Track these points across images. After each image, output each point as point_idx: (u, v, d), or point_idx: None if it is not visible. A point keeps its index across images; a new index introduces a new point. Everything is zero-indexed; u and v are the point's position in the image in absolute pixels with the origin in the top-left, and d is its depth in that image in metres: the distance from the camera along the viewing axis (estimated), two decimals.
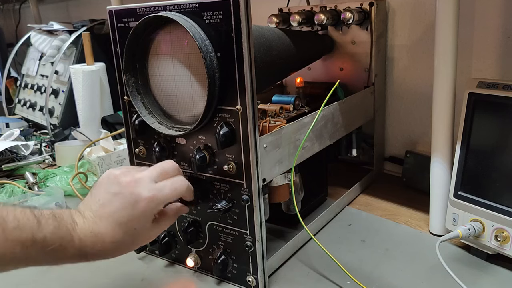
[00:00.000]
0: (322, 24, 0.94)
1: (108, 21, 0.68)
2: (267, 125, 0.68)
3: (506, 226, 0.65)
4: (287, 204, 0.77)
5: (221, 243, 0.68)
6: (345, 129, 0.87)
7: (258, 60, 0.68)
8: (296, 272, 0.71)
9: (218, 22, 0.57)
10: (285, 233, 0.78)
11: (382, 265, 0.71)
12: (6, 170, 1.19)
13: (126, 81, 0.66)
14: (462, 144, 0.70)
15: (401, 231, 0.82)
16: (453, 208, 0.72)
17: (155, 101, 0.68)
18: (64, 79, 1.46)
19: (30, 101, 1.65)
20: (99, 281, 0.72)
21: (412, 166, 0.98)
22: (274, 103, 0.80)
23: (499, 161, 0.66)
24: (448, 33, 0.69)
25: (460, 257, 0.72)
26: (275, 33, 0.78)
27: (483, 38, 0.89)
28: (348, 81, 0.99)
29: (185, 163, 0.68)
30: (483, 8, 0.87)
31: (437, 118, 0.74)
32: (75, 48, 1.46)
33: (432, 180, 0.77)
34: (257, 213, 0.63)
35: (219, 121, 0.61)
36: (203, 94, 0.61)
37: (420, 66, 0.99)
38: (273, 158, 0.66)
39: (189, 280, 0.71)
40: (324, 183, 0.89)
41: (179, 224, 0.72)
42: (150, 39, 0.65)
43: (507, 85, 0.65)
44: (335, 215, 0.88)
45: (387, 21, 1.01)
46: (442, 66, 0.71)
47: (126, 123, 0.73)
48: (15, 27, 2.48)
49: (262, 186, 0.63)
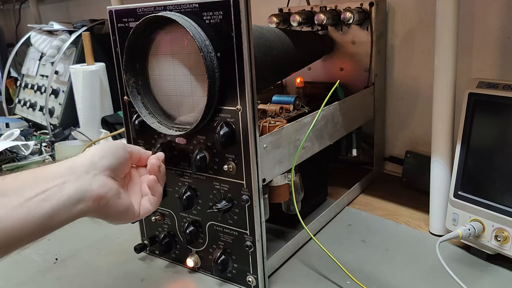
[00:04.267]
0: (322, 24, 0.94)
1: (108, 21, 0.68)
2: (267, 125, 0.68)
3: (506, 226, 0.65)
4: (287, 204, 0.77)
5: (221, 243, 0.68)
6: (345, 129, 0.87)
7: (258, 60, 0.68)
8: (296, 272, 0.71)
9: (218, 22, 0.57)
10: (285, 233, 0.78)
11: (382, 265, 0.71)
12: (6, 170, 1.19)
13: (126, 81, 0.66)
14: (462, 144, 0.70)
15: (401, 231, 0.82)
16: (453, 208, 0.72)
17: (155, 101, 0.68)
18: (64, 79, 1.46)
19: (30, 101, 1.65)
20: (99, 281, 0.72)
21: (412, 166, 0.98)
22: (274, 103, 0.80)
23: (499, 161, 0.66)
24: (448, 33, 0.69)
25: (460, 257, 0.72)
26: (275, 33, 0.78)
27: (483, 38, 0.89)
28: (348, 81, 0.99)
29: (185, 163, 0.68)
30: (483, 8, 0.87)
31: (437, 118, 0.74)
32: (75, 48, 1.46)
33: (432, 180, 0.77)
34: (257, 213, 0.63)
35: (219, 121, 0.61)
36: (203, 94, 0.61)
37: (420, 66, 0.99)
38: (273, 158, 0.66)
39: (189, 280, 0.71)
40: (324, 183, 0.89)
41: (179, 224, 0.72)
42: (150, 39, 0.65)
43: (507, 85, 0.65)
44: (335, 215, 0.88)
45: (387, 21, 1.01)
46: (442, 66, 0.71)
47: (126, 123, 0.73)
48: (15, 27, 2.48)
49: (262, 186, 0.63)
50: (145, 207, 0.60)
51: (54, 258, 0.80)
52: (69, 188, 0.50)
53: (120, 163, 0.56)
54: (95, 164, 0.53)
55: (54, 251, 0.82)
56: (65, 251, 0.82)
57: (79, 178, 0.51)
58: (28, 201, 0.47)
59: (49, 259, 0.80)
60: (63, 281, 0.73)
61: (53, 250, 0.82)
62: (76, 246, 0.83)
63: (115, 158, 0.56)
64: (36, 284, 0.73)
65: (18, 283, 0.74)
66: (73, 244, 0.84)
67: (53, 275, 0.75)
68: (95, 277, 0.74)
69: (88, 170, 0.52)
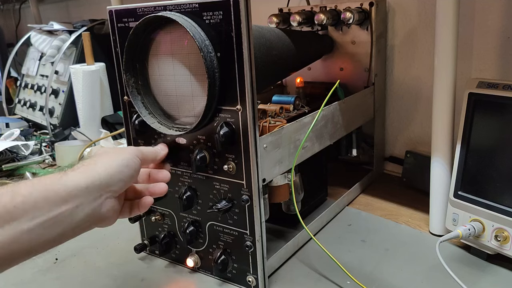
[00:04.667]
0: (322, 24, 0.94)
1: (108, 21, 0.68)
2: (267, 125, 0.68)
3: (506, 226, 0.65)
4: (287, 204, 0.77)
5: (221, 243, 0.68)
6: (345, 129, 0.87)
7: (258, 60, 0.68)
8: (296, 272, 0.71)
9: (218, 22, 0.57)
10: (285, 233, 0.78)
11: (382, 265, 0.71)
12: (6, 170, 1.19)
13: (126, 81, 0.66)
14: (462, 144, 0.70)
15: (401, 231, 0.82)
16: (453, 208, 0.72)
17: (155, 101, 0.68)
18: (64, 79, 1.46)
19: (30, 101, 1.65)
20: (99, 281, 0.72)
21: (412, 166, 0.98)
22: (274, 103, 0.80)
23: (499, 161, 0.66)
24: (448, 33, 0.69)
25: (460, 257, 0.72)
26: (275, 33, 0.78)
27: (483, 38, 0.89)
28: (348, 81, 0.99)
29: (185, 163, 0.68)
30: (483, 8, 0.87)
31: (437, 118, 0.74)
32: (75, 48, 1.46)
33: (432, 180, 0.77)
34: (257, 213, 0.63)
35: (219, 121, 0.61)
36: (203, 94, 0.61)
37: (420, 66, 0.99)
38: (273, 158, 0.66)
39: (189, 280, 0.71)
40: (324, 183, 0.89)
41: (179, 224, 0.72)
42: (150, 39, 0.65)
43: (507, 85, 0.65)
44: (335, 215, 0.88)
45: (387, 21, 1.01)
46: (442, 66, 0.71)
47: (126, 123, 0.73)
48: (15, 27, 2.48)
49: (262, 186, 0.63)
50: (123, 214, 0.60)
51: (54, 258, 0.80)
52: (81, 214, 0.49)
53: (132, 178, 0.55)
54: (111, 186, 0.51)
55: (54, 251, 0.82)
56: (65, 251, 0.82)
57: (93, 201, 0.50)
58: (39, 226, 0.45)
59: (49, 259, 0.80)
60: (63, 281, 0.73)
61: (53, 250, 0.82)
62: (76, 246, 0.83)
63: (130, 179, 0.55)
64: (36, 284, 0.73)
65: (18, 283, 0.74)
66: (73, 244, 0.83)
67: (53, 275, 0.75)
68: (95, 277, 0.74)
69: (102, 193, 0.51)
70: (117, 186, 0.52)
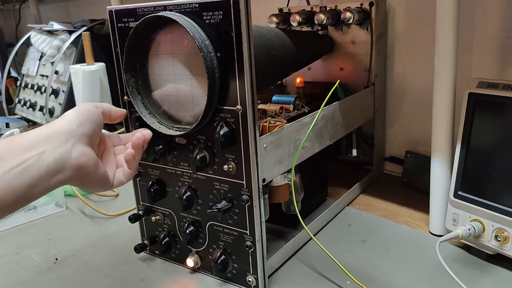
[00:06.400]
0: (322, 24, 0.94)
1: (108, 21, 0.68)
2: (267, 125, 0.68)
3: (506, 226, 0.65)
4: (287, 204, 0.77)
5: (221, 243, 0.68)
6: (345, 129, 0.87)
7: (258, 60, 0.68)
8: (296, 272, 0.71)
9: (218, 22, 0.57)
10: (285, 233, 0.78)
11: (382, 265, 0.71)
12: None
13: (126, 81, 0.66)
14: (462, 144, 0.70)
15: (401, 231, 0.82)
16: (453, 208, 0.72)
17: (155, 101, 0.68)
18: (64, 79, 1.46)
19: (30, 101, 1.64)
20: (99, 281, 0.72)
21: (412, 166, 0.98)
22: (274, 103, 0.80)
23: (499, 161, 0.66)
24: (448, 33, 0.69)
25: (460, 257, 0.72)
26: (275, 33, 0.78)
27: (483, 38, 0.89)
28: (348, 81, 0.99)
29: (185, 163, 0.68)
30: (483, 8, 0.87)
31: (437, 118, 0.74)
32: (75, 48, 1.46)
33: (432, 180, 0.77)
34: (257, 213, 0.63)
35: (219, 121, 0.61)
36: (203, 94, 0.61)
37: (420, 66, 0.99)
38: (273, 158, 0.66)
39: (189, 280, 0.71)
40: (324, 183, 0.89)
41: (179, 224, 0.72)
42: (150, 39, 0.65)
43: (507, 85, 0.65)
44: (335, 215, 0.88)
45: (387, 21, 1.01)
46: (442, 66, 0.71)
47: (126, 123, 0.73)
48: (15, 27, 2.49)
49: (262, 186, 0.63)
50: (119, 178, 0.60)
51: (54, 258, 0.80)
52: (48, 159, 0.49)
53: (97, 128, 0.56)
54: (74, 131, 0.52)
55: (54, 251, 0.82)
56: (65, 251, 0.82)
57: (58, 147, 0.50)
58: (6, 173, 0.45)
59: (49, 259, 0.80)
60: (63, 281, 0.73)
61: (53, 250, 0.82)
62: (76, 246, 0.83)
63: (92, 124, 0.55)
64: (36, 284, 0.73)
65: (18, 283, 0.74)
66: (73, 244, 0.84)
67: (53, 275, 0.75)
68: (95, 277, 0.74)
69: (67, 139, 0.51)
70: (80, 130, 0.53)
